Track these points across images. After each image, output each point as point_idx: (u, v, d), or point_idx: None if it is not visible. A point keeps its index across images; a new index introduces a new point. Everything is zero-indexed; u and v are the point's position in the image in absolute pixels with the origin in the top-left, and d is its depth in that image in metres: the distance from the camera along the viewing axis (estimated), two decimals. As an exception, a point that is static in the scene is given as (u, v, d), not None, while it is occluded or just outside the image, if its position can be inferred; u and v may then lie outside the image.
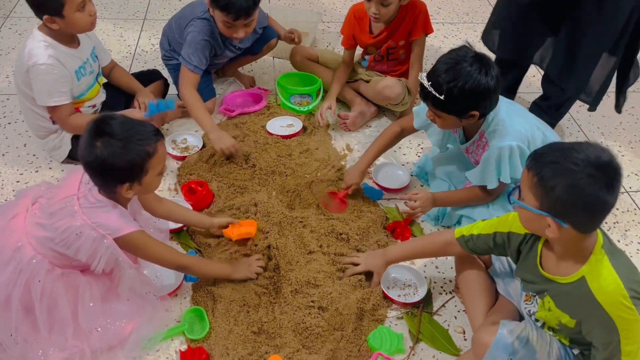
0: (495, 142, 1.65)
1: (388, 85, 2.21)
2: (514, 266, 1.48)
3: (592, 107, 2.10)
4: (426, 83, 1.55)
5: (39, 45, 1.77)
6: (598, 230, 1.20)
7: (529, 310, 1.37)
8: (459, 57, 1.54)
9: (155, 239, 1.47)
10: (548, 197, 1.11)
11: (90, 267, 1.38)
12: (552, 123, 2.25)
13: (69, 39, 1.84)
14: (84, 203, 1.35)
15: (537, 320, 1.36)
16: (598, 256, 1.18)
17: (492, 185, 1.71)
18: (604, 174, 1.08)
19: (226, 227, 1.74)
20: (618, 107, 2.09)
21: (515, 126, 1.65)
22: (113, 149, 1.28)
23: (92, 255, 1.35)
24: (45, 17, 1.73)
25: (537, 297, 1.33)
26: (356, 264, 1.67)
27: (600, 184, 1.08)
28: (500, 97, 1.64)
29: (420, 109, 1.80)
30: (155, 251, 1.46)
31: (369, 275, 1.67)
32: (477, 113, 1.58)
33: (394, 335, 1.53)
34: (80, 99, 1.95)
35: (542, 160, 1.13)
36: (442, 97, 1.53)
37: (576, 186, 1.08)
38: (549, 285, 1.27)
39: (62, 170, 2.04)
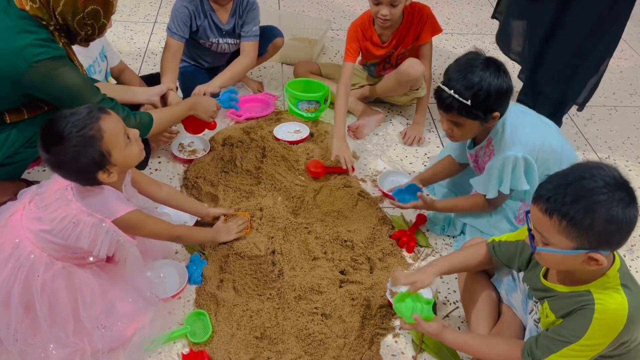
0: (501, 151, 1.65)
1: (412, 65, 2.20)
2: (516, 276, 1.48)
3: (581, 108, 2.23)
4: (449, 92, 1.54)
5: None
6: (615, 253, 1.19)
7: (535, 319, 1.36)
8: (470, 60, 1.55)
9: (149, 215, 1.49)
10: (587, 235, 1.07)
11: (93, 253, 1.38)
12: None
13: None
14: (77, 191, 1.36)
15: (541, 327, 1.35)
16: (612, 278, 1.16)
17: (491, 194, 1.70)
18: (628, 193, 1.07)
19: (219, 218, 1.80)
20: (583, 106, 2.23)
21: (522, 136, 1.64)
22: (63, 155, 1.28)
23: (93, 242, 1.35)
24: None
25: (538, 303, 1.32)
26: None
27: (629, 203, 1.06)
28: (512, 104, 1.64)
29: (446, 148, 1.73)
30: (152, 227, 1.49)
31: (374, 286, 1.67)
32: (498, 114, 1.58)
33: (425, 302, 1.41)
34: None
35: (562, 201, 1.07)
36: (468, 103, 1.52)
37: (614, 215, 1.05)
38: (548, 293, 1.27)
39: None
